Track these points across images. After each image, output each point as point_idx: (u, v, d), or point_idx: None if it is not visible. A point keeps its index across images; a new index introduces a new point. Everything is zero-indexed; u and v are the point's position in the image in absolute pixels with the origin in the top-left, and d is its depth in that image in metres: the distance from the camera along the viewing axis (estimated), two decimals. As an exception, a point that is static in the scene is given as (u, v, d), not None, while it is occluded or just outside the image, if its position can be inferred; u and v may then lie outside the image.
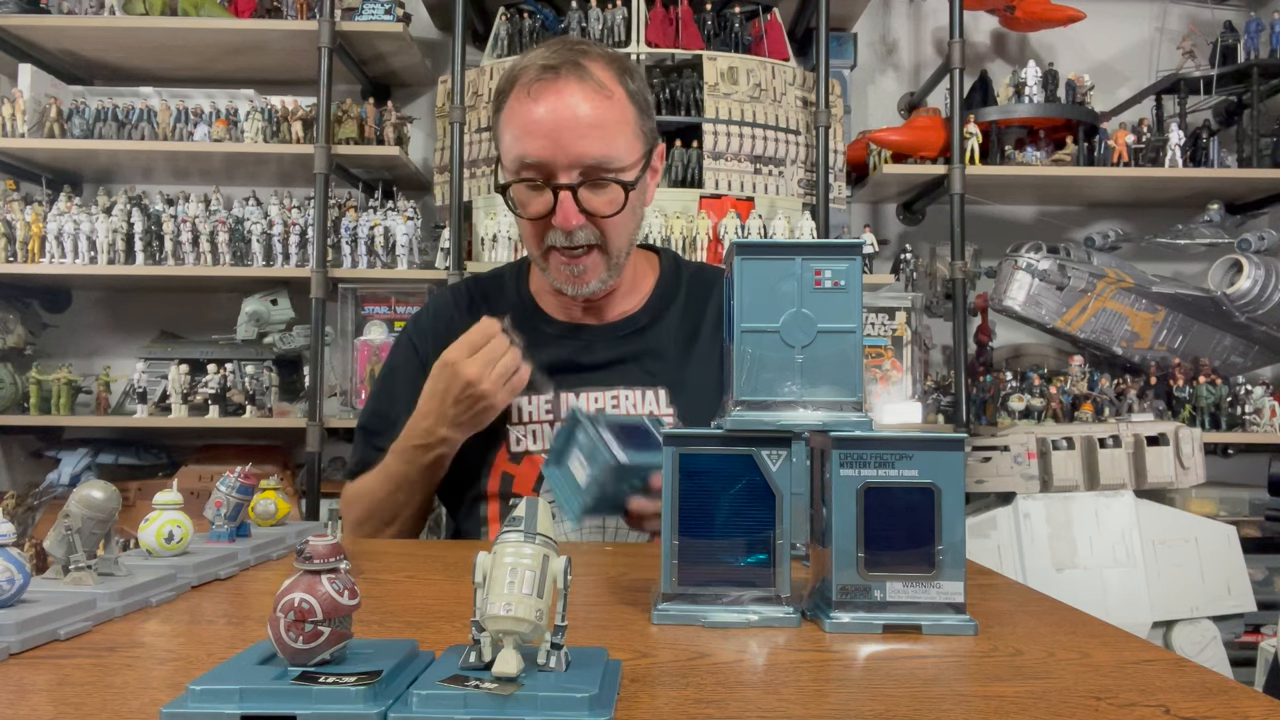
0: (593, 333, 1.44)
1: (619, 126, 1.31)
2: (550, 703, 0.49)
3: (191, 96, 2.99)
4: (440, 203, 2.88)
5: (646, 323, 1.45)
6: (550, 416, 1.39)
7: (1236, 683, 0.61)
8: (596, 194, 1.30)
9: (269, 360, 2.95)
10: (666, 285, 1.49)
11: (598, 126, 1.28)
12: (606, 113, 1.29)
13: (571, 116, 1.27)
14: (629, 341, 1.43)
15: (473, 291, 1.53)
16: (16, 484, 3.13)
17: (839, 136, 2.87)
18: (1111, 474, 2.27)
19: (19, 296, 3.09)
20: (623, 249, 1.37)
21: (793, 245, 0.80)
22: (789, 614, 0.75)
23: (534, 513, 0.55)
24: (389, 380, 1.52)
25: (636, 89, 1.35)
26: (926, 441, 0.74)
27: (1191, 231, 3.03)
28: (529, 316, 1.46)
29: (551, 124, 1.27)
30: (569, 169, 1.28)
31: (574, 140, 1.27)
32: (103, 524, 0.77)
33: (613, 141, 1.29)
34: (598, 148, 1.28)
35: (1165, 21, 3.34)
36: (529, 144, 1.28)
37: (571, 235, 1.30)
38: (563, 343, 1.43)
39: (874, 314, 2.81)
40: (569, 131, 1.27)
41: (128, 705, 0.54)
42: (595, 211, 1.30)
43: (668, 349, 1.43)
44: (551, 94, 1.28)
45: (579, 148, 1.27)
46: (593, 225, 1.31)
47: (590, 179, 1.29)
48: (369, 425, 1.51)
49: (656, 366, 1.41)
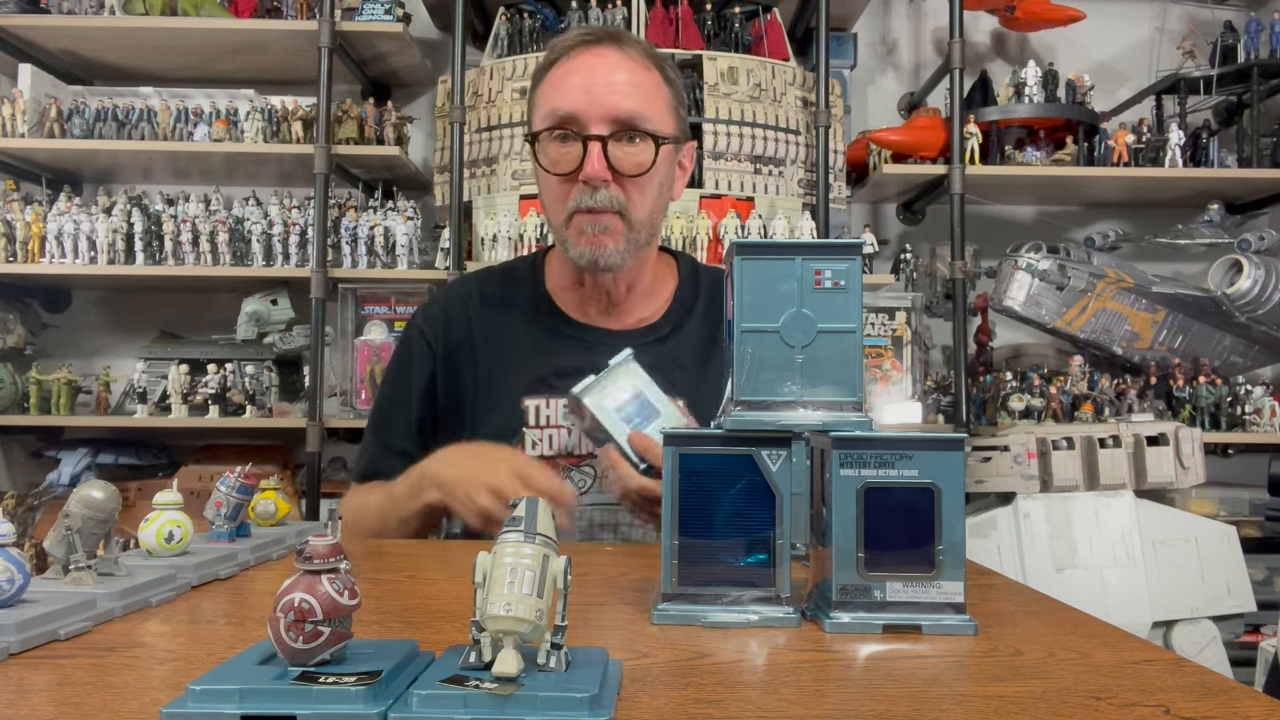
0: (614, 339, 1.42)
1: (653, 91, 1.33)
2: (550, 703, 0.49)
3: (191, 96, 2.99)
4: (440, 203, 2.88)
5: (668, 331, 1.44)
6: (567, 423, 1.37)
7: (1236, 683, 0.61)
8: (626, 150, 1.31)
9: (269, 360, 2.95)
10: (685, 292, 1.49)
11: (631, 85, 1.31)
12: (642, 77, 1.32)
13: (606, 72, 1.31)
14: (649, 350, 1.40)
15: (484, 287, 1.50)
16: (16, 484, 3.13)
17: (839, 136, 2.87)
18: (1111, 474, 2.27)
19: (19, 296, 3.09)
20: (643, 222, 1.35)
21: (793, 245, 0.80)
22: (789, 614, 0.75)
23: (534, 513, 0.55)
24: (399, 377, 1.49)
25: (672, 77, 1.38)
26: (926, 441, 0.74)
27: (1191, 231, 3.03)
28: (546, 314, 1.45)
29: (587, 79, 1.31)
30: (601, 120, 1.29)
31: (607, 93, 1.29)
32: (103, 524, 0.77)
33: (645, 101, 1.31)
34: (630, 103, 1.30)
35: (1165, 21, 3.34)
36: (563, 97, 1.31)
37: (596, 194, 1.30)
38: (582, 347, 1.41)
39: (874, 314, 2.81)
40: (603, 85, 1.30)
41: (128, 705, 0.54)
42: (624, 170, 1.31)
43: (687, 358, 1.43)
44: (589, 54, 1.32)
45: (612, 100, 1.29)
46: (619, 187, 1.31)
47: (621, 132, 1.30)
48: (379, 424, 1.49)
49: (677, 376, 1.39)
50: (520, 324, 1.45)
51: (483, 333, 1.45)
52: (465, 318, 1.46)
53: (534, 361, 1.41)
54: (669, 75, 1.37)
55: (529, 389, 1.39)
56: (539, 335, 1.44)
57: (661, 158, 1.33)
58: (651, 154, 1.31)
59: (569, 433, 1.37)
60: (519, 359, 1.42)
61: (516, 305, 1.47)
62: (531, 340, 1.43)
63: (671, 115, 1.36)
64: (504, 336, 1.45)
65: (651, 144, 1.31)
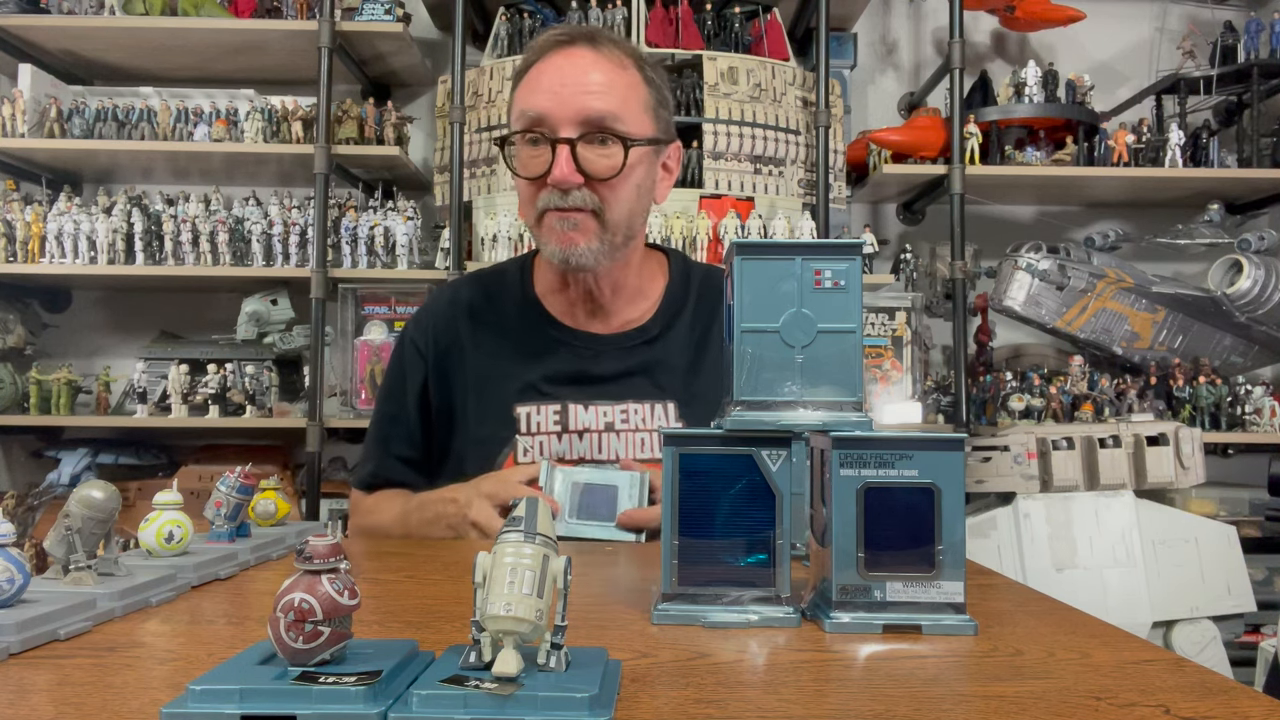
0: (601, 342, 1.41)
1: (627, 91, 1.30)
2: (550, 703, 0.49)
3: (191, 96, 2.99)
4: (440, 203, 2.88)
5: (656, 334, 1.42)
6: (559, 428, 1.36)
7: (1236, 683, 0.61)
8: (596, 153, 1.28)
9: (269, 360, 2.95)
10: (676, 291, 1.46)
11: (604, 85, 1.28)
12: (615, 76, 1.29)
13: (576, 72, 1.28)
14: (638, 353, 1.40)
15: (473, 294, 1.49)
16: (16, 484, 3.13)
17: (839, 136, 2.87)
18: (1111, 474, 2.27)
19: (19, 296, 3.09)
20: (620, 223, 1.32)
21: (793, 245, 0.79)
22: (789, 614, 0.75)
23: (534, 513, 0.55)
24: (394, 385, 1.48)
25: (651, 76, 1.35)
26: (926, 441, 0.74)
27: (1191, 231, 3.03)
28: (534, 318, 1.43)
29: (558, 80, 1.28)
30: (570, 122, 1.26)
31: (577, 94, 1.26)
32: (103, 524, 0.77)
33: (617, 102, 1.28)
34: (601, 103, 1.27)
35: (1165, 21, 3.34)
36: (533, 98, 1.28)
37: (568, 195, 1.28)
38: (571, 351, 1.40)
39: (874, 314, 2.81)
40: (573, 86, 1.27)
41: (128, 705, 0.54)
42: (594, 173, 1.27)
43: (677, 361, 1.40)
44: (561, 55, 1.29)
45: (581, 101, 1.26)
46: (591, 190, 1.29)
47: (591, 134, 1.27)
48: (380, 434, 1.48)
49: (666, 380, 1.39)
50: (509, 330, 1.44)
51: (472, 339, 1.44)
52: (454, 325, 1.45)
53: (523, 368, 1.40)
54: (648, 75, 1.34)
55: (519, 396, 1.38)
56: (528, 341, 1.42)
57: (636, 159, 1.30)
58: (622, 157, 1.28)
59: (558, 438, 1.37)
60: (508, 365, 1.41)
61: (505, 311, 1.46)
62: (520, 346, 1.42)
63: (649, 116, 1.33)
64: (493, 343, 1.43)
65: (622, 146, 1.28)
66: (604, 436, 1.36)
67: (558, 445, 1.36)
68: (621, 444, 1.36)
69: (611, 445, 1.36)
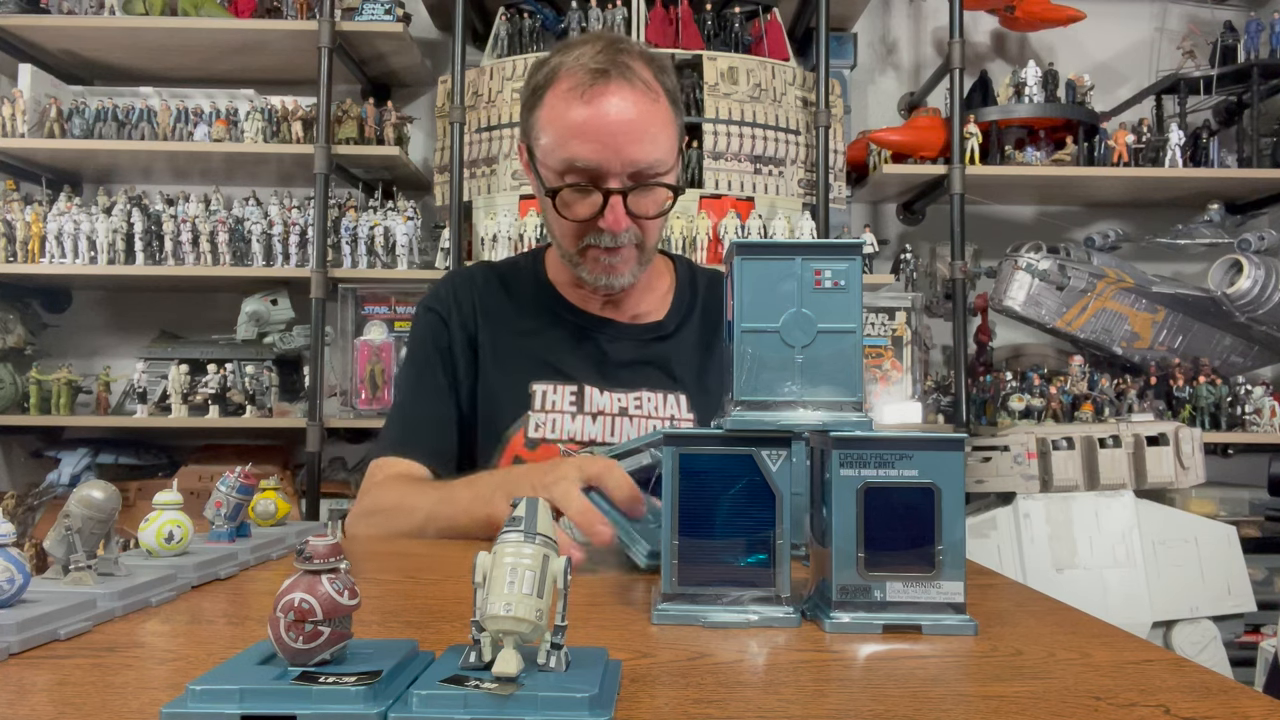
0: (617, 330, 1.45)
1: (665, 129, 1.32)
2: (550, 703, 0.49)
3: (191, 96, 2.99)
4: (440, 203, 2.88)
5: (670, 331, 1.47)
6: (574, 408, 1.39)
7: (1236, 683, 0.61)
8: (644, 197, 1.32)
9: (269, 360, 2.95)
10: (684, 294, 1.51)
11: (648, 131, 1.29)
12: (654, 115, 1.30)
13: (623, 121, 1.27)
14: (653, 345, 1.45)
15: (489, 275, 1.52)
16: (16, 484, 3.13)
17: (839, 136, 2.87)
18: (1111, 474, 2.27)
19: (19, 296, 3.09)
20: (655, 245, 1.41)
21: (793, 245, 0.79)
22: (789, 614, 0.75)
23: (534, 512, 0.55)
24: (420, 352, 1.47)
25: (672, 86, 1.37)
26: (926, 441, 0.74)
27: (1191, 231, 3.03)
28: (548, 300, 1.47)
29: (604, 128, 1.27)
30: (621, 175, 1.29)
31: (626, 144, 1.27)
32: (103, 524, 0.77)
33: (661, 145, 1.31)
34: (648, 152, 1.29)
35: (1165, 21, 3.35)
36: (580, 148, 1.28)
37: (617, 237, 1.32)
38: (589, 335, 1.44)
39: (874, 314, 2.81)
40: (622, 136, 1.27)
41: (128, 705, 0.54)
42: (642, 214, 1.32)
43: (689, 355, 1.45)
44: (602, 98, 1.27)
45: (630, 153, 1.28)
46: (636, 226, 1.33)
47: (639, 183, 1.30)
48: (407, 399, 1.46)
49: (679, 371, 1.43)
50: (526, 310, 1.47)
51: (487, 315, 1.46)
52: (471, 300, 1.47)
53: (538, 346, 1.43)
54: (669, 85, 1.35)
55: (534, 373, 1.41)
56: (546, 321, 1.46)
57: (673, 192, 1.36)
58: (667, 199, 1.34)
59: (572, 418, 1.38)
60: (526, 341, 1.44)
61: (522, 294, 1.49)
62: (539, 325, 1.45)
63: (677, 139, 1.37)
64: (511, 319, 1.46)
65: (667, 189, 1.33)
66: (618, 420, 1.39)
67: (570, 425, 1.38)
68: (634, 429, 1.38)
69: (624, 430, 1.39)
